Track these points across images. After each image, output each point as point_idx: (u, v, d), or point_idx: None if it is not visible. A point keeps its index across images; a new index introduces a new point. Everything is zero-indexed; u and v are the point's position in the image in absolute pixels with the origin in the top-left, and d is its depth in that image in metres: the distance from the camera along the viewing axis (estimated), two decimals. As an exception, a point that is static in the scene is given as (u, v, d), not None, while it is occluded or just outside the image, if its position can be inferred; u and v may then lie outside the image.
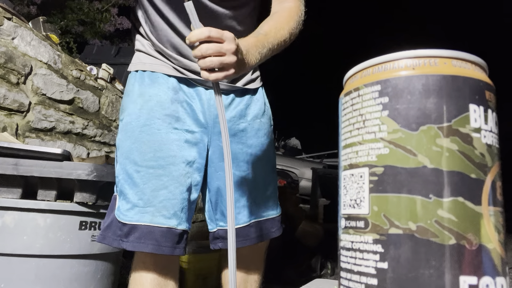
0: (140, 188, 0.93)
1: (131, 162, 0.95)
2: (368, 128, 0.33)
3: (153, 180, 0.94)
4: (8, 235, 1.11)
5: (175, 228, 0.93)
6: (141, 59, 1.04)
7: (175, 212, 0.94)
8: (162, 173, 0.94)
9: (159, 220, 0.92)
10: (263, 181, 1.09)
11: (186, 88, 1.02)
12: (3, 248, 1.10)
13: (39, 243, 1.12)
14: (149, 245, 0.90)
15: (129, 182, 0.94)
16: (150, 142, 0.95)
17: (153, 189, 0.93)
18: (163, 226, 0.92)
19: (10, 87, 1.69)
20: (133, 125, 0.97)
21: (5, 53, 1.66)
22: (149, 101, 0.98)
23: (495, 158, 0.32)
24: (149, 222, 0.91)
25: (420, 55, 0.33)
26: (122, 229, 0.92)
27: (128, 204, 0.93)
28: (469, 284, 0.29)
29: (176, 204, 0.94)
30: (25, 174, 1.14)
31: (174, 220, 0.93)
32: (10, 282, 1.10)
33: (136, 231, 0.91)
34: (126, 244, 0.91)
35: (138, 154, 0.95)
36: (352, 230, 0.33)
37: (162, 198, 0.93)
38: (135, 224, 0.91)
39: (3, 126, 1.66)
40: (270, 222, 1.09)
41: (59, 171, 1.15)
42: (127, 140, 0.97)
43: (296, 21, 0.97)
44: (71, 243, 1.16)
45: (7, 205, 1.12)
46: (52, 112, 1.95)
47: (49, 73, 1.93)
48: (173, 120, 0.97)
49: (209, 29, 0.72)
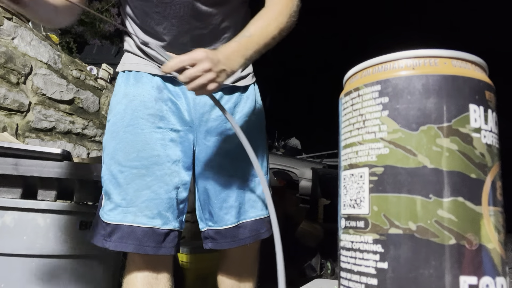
0: (123, 188, 0.94)
1: (116, 162, 0.96)
2: (368, 128, 0.33)
3: (136, 180, 0.94)
4: (8, 235, 1.11)
5: (159, 228, 0.93)
6: (128, 59, 1.05)
7: (159, 211, 0.94)
8: (145, 173, 0.95)
9: (141, 220, 0.92)
10: (252, 180, 1.07)
11: (172, 87, 1.02)
12: (3, 248, 1.10)
13: (39, 243, 1.12)
14: (131, 245, 0.91)
15: (113, 182, 0.95)
16: (134, 142, 0.96)
17: (136, 189, 0.93)
18: (145, 226, 0.92)
19: (10, 87, 1.69)
20: (118, 125, 0.98)
21: (5, 53, 1.66)
22: (133, 101, 0.98)
23: (495, 158, 0.32)
24: (131, 222, 0.92)
25: (420, 55, 0.33)
26: (106, 228, 0.93)
27: (111, 204, 0.94)
28: (469, 284, 0.29)
29: (160, 203, 0.94)
30: (25, 174, 1.14)
31: (158, 220, 0.93)
32: (10, 282, 1.10)
33: (118, 231, 0.92)
34: (109, 244, 0.92)
35: (122, 155, 0.95)
36: (352, 230, 0.33)
37: (145, 198, 0.93)
38: (117, 224, 0.92)
39: (3, 126, 1.66)
40: (259, 222, 1.07)
41: (59, 171, 1.15)
42: (112, 140, 0.98)
43: (287, 15, 0.96)
44: (71, 243, 1.16)
45: (7, 205, 1.12)
46: (52, 112, 1.95)
47: (49, 73, 1.93)
48: (157, 119, 0.98)
49: (180, 60, 0.79)
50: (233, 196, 1.04)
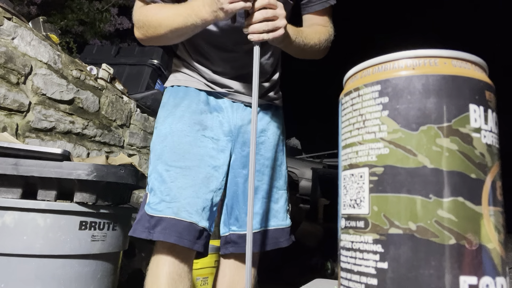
0: (168, 185, 1.03)
1: (162, 162, 1.05)
2: (368, 128, 0.33)
3: (180, 179, 1.03)
4: (8, 235, 1.11)
5: (196, 224, 1.01)
6: (176, 76, 1.17)
7: (197, 209, 1.02)
8: (188, 174, 1.04)
9: (182, 215, 1.00)
10: (276, 193, 1.17)
11: (214, 101, 1.14)
12: (3, 248, 1.10)
13: (39, 243, 1.12)
14: (173, 236, 0.98)
15: (159, 179, 1.04)
16: (180, 145, 1.06)
17: (180, 186, 1.02)
18: (186, 221, 1.00)
19: (10, 87, 1.69)
20: (165, 131, 1.08)
21: (5, 53, 1.66)
22: (181, 111, 1.09)
23: (495, 158, 0.32)
24: (174, 215, 1.00)
25: (420, 55, 0.33)
26: (150, 221, 1.01)
27: (156, 199, 1.03)
28: (469, 284, 0.29)
29: (199, 202, 1.03)
30: (25, 174, 1.14)
31: (196, 217, 1.01)
32: (10, 282, 1.10)
33: (162, 222, 0.99)
34: (153, 235, 0.99)
35: (168, 156, 1.05)
36: (352, 230, 0.33)
37: (187, 195, 1.02)
38: (161, 216, 1.00)
39: (3, 126, 1.66)
40: (279, 232, 1.15)
41: (59, 171, 1.15)
42: (160, 143, 1.08)
43: (326, 36, 1.13)
44: (71, 243, 1.16)
45: (7, 205, 1.12)
46: (52, 112, 1.95)
47: (49, 73, 1.93)
48: (202, 128, 1.09)
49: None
50: (258, 204, 1.14)
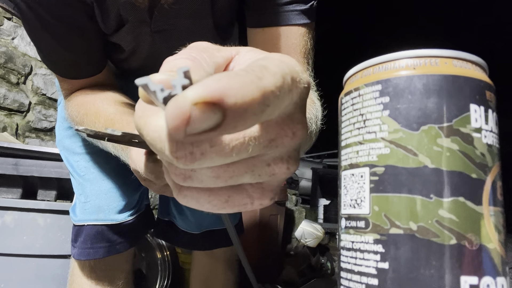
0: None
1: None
2: (368, 128, 0.33)
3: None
4: (8, 235, 1.11)
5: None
6: None
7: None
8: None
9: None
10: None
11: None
12: (3, 248, 1.10)
13: (39, 243, 1.12)
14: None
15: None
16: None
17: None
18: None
19: (10, 87, 1.69)
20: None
21: (5, 53, 1.66)
22: None
23: (495, 158, 0.32)
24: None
25: (420, 54, 0.33)
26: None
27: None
28: (470, 284, 0.29)
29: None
30: (25, 174, 1.13)
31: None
32: (10, 282, 1.10)
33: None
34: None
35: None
36: (353, 230, 0.33)
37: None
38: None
39: (3, 126, 1.66)
40: (222, 232, 1.07)
41: (59, 171, 1.15)
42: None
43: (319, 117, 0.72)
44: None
45: (7, 205, 1.12)
46: (52, 112, 1.95)
47: (49, 73, 1.93)
48: None
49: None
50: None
